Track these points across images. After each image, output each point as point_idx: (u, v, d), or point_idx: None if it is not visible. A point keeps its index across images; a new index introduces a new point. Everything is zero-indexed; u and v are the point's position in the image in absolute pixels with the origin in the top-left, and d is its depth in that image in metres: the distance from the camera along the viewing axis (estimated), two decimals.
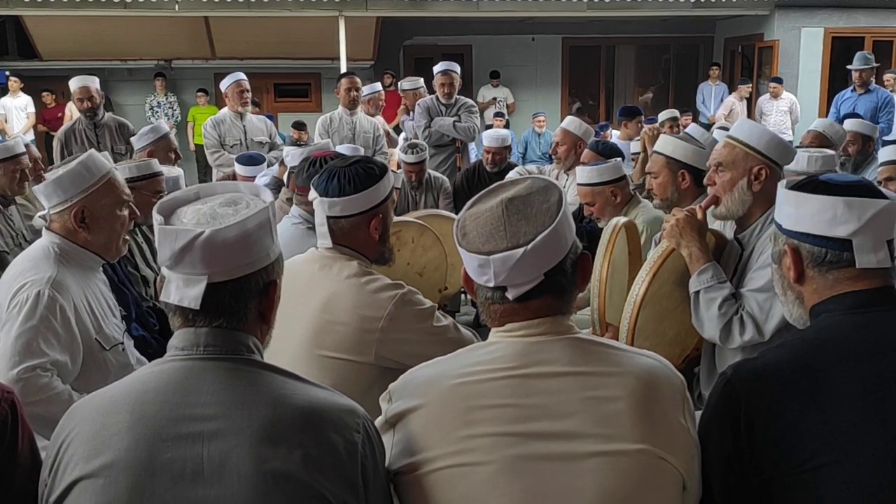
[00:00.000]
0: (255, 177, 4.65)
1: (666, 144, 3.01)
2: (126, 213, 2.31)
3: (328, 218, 1.99)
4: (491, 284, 1.33)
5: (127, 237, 2.38)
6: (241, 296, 1.27)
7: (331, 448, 1.21)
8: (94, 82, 5.58)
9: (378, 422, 1.38)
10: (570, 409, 1.27)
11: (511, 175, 4.86)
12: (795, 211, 1.49)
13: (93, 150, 2.35)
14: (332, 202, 1.97)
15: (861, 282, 1.44)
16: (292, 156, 3.64)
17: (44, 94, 10.97)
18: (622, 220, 2.67)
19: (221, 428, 1.18)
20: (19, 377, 1.97)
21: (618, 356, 1.34)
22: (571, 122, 4.89)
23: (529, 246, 1.30)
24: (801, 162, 3.24)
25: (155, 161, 3.38)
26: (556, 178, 4.88)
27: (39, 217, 2.35)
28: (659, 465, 1.27)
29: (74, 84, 5.55)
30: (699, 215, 2.38)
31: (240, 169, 4.78)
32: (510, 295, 1.33)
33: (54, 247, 2.19)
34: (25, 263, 2.17)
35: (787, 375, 1.38)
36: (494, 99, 12.01)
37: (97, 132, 5.55)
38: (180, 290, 1.24)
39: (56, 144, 5.61)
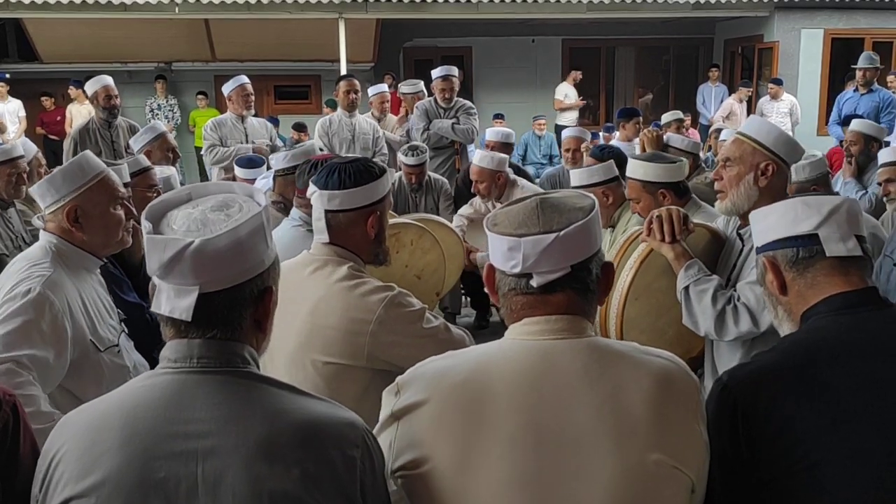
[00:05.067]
0: (255, 179, 4.65)
1: (636, 169, 2.99)
2: (121, 211, 2.30)
3: (326, 212, 1.99)
4: (517, 270, 1.32)
5: (130, 228, 2.36)
6: (235, 305, 1.23)
7: (329, 464, 1.18)
8: (112, 82, 5.67)
9: (383, 415, 1.37)
10: (584, 417, 1.26)
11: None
12: (763, 225, 1.58)
13: (87, 151, 2.35)
14: (332, 195, 1.97)
15: (843, 281, 1.47)
16: (276, 159, 3.63)
17: (43, 98, 10.96)
18: (637, 229, 2.67)
19: (216, 445, 1.14)
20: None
21: (634, 360, 1.33)
22: (483, 158, 4.90)
23: (562, 232, 1.31)
24: (791, 173, 3.21)
25: (142, 157, 3.44)
26: (493, 207, 4.89)
27: (38, 218, 2.35)
28: (671, 475, 1.26)
29: (95, 84, 5.62)
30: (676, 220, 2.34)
31: (240, 172, 4.78)
32: (535, 282, 1.32)
33: (51, 246, 2.19)
34: (23, 263, 2.16)
35: (781, 376, 1.41)
36: (584, 101, 11.80)
37: (111, 132, 5.58)
38: (171, 300, 1.20)
39: (69, 144, 5.65)
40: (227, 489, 1.13)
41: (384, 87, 6.90)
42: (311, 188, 2.03)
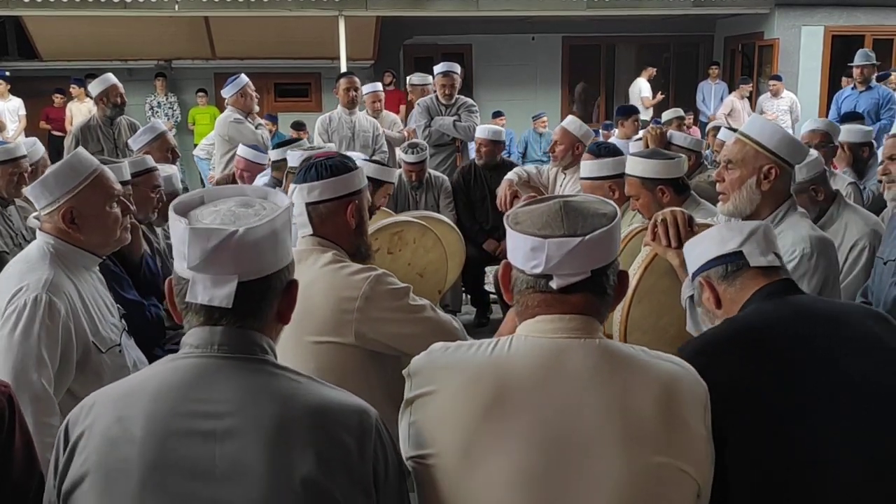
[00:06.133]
0: (260, 164, 4.67)
1: (635, 166, 2.99)
2: (118, 209, 2.27)
3: (307, 205, 2.06)
4: (538, 270, 1.33)
5: (128, 225, 2.35)
6: (267, 295, 1.29)
7: (343, 449, 1.21)
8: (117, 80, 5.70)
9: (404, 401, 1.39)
10: (592, 417, 1.26)
11: (510, 176, 4.86)
12: (695, 253, 1.83)
13: (79, 149, 2.32)
14: (311, 186, 2.05)
15: (766, 280, 1.72)
16: (291, 157, 3.64)
17: (56, 95, 10.93)
18: (637, 227, 2.66)
19: (234, 426, 1.19)
20: (39, 395, 1.96)
21: (644, 363, 1.33)
22: (572, 123, 4.87)
23: (587, 237, 1.31)
24: None
25: (148, 157, 3.42)
26: (555, 177, 4.87)
27: (34, 217, 2.32)
28: (678, 478, 1.27)
29: (104, 83, 5.60)
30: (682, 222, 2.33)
31: (244, 151, 4.77)
32: (555, 284, 1.33)
33: (49, 247, 2.16)
34: (22, 265, 2.14)
35: (723, 342, 1.65)
36: (664, 95, 11.48)
37: (113, 129, 5.60)
38: (208, 290, 1.23)
39: (70, 141, 5.63)
40: (244, 470, 1.17)
41: (378, 85, 6.88)
42: (291, 187, 2.10)
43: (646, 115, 10.57)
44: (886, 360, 1.59)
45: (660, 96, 11.37)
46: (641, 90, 11.32)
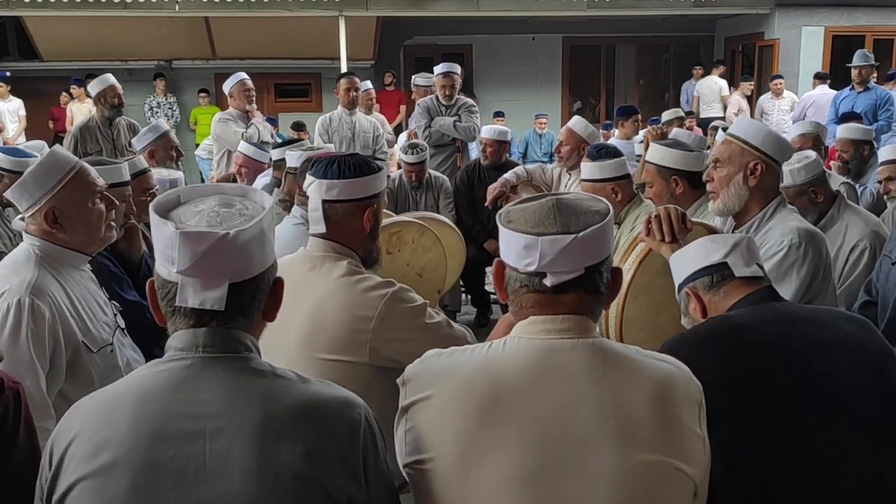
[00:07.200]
0: (260, 161, 4.66)
1: (655, 153, 3.01)
2: (101, 205, 2.23)
3: (324, 202, 1.98)
4: (532, 268, 1.32)
5: (114, 223, 2.31)
6: (257, 295, 1.28)
7: (333, 439, 1.21)
8: (116, 81, 5.71)
9: (399, 409, 1.39)
10: (586, 416, 1.26)
11: (507, 175, 4.87)
12: (681, 264, 1.90)
13: (56, 147, 2.28)
14: (331, 184, 1.96)
15: (750, 289, 1.78)
16: (290, 157, 3.63)
17: (63, 94, 10.94)
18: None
19: (223, 425, 1.18)
20: (34, 398, 1.92)
21: (638, 363, 1.33)
22: (578, 123, 4.89)
23: (580, 234, 1.31)
24: (787, 177, 3.19)
25: (140, 158, 3.33)
26: (559, 177, 4.88)
27: (18, 220, 2.29)
28: (674, 476, 1.27)
29: (102, 84, 5.62)
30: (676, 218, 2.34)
31: (243, 147, 4.75)
32: (548, 282, 1.32)
33: (34, 249, 2.13)
34: (6, 269, 2.12)
35: (703, 336, 1.73)
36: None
37: (112, 130, 5.62)
38: (199, 293, 1.21)
39: (70, 141, 5.64)
40: (234, 467, 1.16)
41: (367, 83, 6.92)
42: (309, 179, 2.02)
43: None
44: (864, 359, 1.65)
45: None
46: (722, 88, 11.24)
